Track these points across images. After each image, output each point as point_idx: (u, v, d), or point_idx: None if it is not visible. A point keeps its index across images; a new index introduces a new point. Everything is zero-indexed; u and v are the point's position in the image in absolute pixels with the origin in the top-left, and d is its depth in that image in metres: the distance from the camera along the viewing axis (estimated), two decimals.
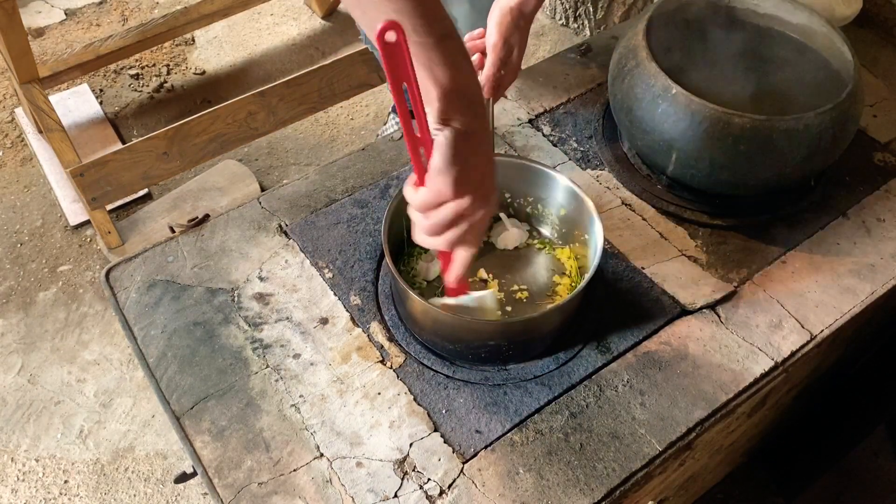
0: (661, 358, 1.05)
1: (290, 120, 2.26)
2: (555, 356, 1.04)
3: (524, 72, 1.44)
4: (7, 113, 2.51)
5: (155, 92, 2.57)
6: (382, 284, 1.11)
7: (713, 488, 1.69)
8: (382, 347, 1.04)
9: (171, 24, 2.41)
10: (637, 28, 1.19)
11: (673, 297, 1.10)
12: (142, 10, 2.84)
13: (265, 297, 1.10)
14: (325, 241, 1.16)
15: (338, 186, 1.24)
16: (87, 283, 2.10)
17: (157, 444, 1.82)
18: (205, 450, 0.96)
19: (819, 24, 1.21)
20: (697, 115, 1.09)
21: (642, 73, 1.14)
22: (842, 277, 1.15)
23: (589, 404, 1.00)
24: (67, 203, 2.25)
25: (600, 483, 0.93)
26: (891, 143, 1.35)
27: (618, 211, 1.22)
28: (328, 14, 2.79)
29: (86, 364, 1.95)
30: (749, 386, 1.03)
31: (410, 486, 0.93)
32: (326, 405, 0.99)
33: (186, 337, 1.06)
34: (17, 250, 2.18)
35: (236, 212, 1.20)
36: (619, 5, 2.65)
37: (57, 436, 1.83)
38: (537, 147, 1.30)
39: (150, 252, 1.15)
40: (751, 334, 1.08)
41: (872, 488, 1.80)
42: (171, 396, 1.01)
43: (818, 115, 1.08)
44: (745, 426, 1.29)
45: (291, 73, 2.27)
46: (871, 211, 1.24)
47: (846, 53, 1.16)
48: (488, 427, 0.97)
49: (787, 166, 1.11)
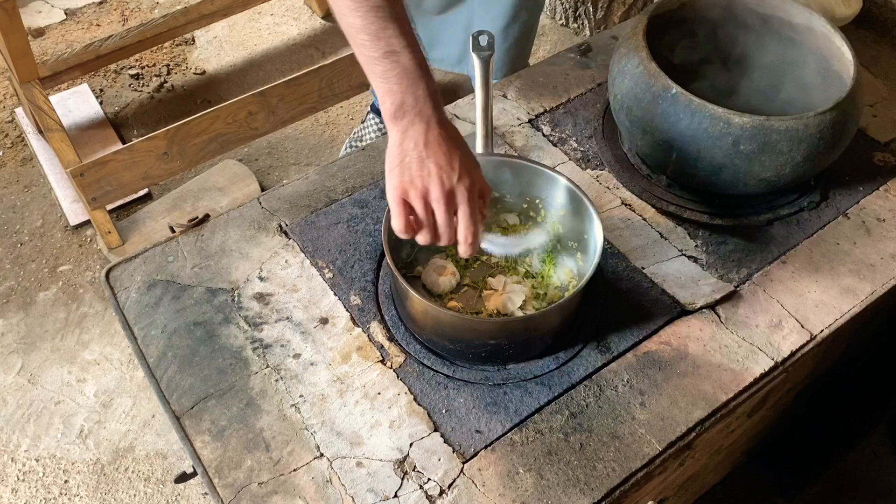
0: (661, 358, 1.05)
1: (290, 120, 2.26)
2: (555, 356, 1.04)
3: (524, 72, 1.44)
4: (7, 113, 2.51)
5: (155, 92, 2.57)
6: (382, 284, 1.11)
7: (713, 488, 1.69)
8: (382, 347, 1.04)
9: (171, 24, 2.41)
10: (637, 28, 1.19)
11: (673, 297, 1.10)
12: (142, 10, 2.84)
13: (265, 297, 1.10)
14: (325, 241, 1.16)
15: (338, 186, 1.24)
16: (87, 283, 2.10)
17: (157, 444, 1.82)
18: (205, 450, 0.96)
19: (819, 24, 1.21)
20: (697, 115, 1.09)
21: (642, 73, 1.14)
22: (842, 277, 1.15)
23: (589, 404, 1.00)
24: (67, 203, 2.25)
25: (600, 483, 0.93)
26: (891, 143, 1.35)
27: (618, 211, 1.22)
28: (328, 14, 2.79)
29: (86, 364, 1.95)
30: (749, 386, 1.03)
31: (410, 485, 0.93)
32: (326, 405, 0.99)
33: (186, 337, 1.06)
34: (17, 250, 2.18)
35: (236, 212, 1.20)
36: (619, 5, 2.65)
37: (57, 436, 1.83)
38: (537, 147, 1.30)
39: (150, 252, 1.15)
40: (751, 334, 1.08)
41: (872, 488, 1.80)
42: (171, 396, 1.01)
43: (818, 115, 1.08)
44: (745, 426, 1.29)
45: (291, 73, 2.27)
46: (871, 211, 1.24)
47: (846, 53, 1.16)
48: (488, 427, 0.97)
49: (787, 166, 1.11)
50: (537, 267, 1.11)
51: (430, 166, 0.88)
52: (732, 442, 1.34)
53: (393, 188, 0.89)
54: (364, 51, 0.86)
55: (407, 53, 0.86)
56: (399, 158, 0.89)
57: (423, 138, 0.88)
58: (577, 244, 1.10)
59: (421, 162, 0.88)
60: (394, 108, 0.87)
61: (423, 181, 0.88)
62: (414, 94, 0.87)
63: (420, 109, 0.87)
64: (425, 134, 0.88)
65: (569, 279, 1.09)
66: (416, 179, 0.88)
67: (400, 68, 0.85)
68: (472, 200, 0.90)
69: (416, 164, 0.88)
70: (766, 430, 1.54)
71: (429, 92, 0.88)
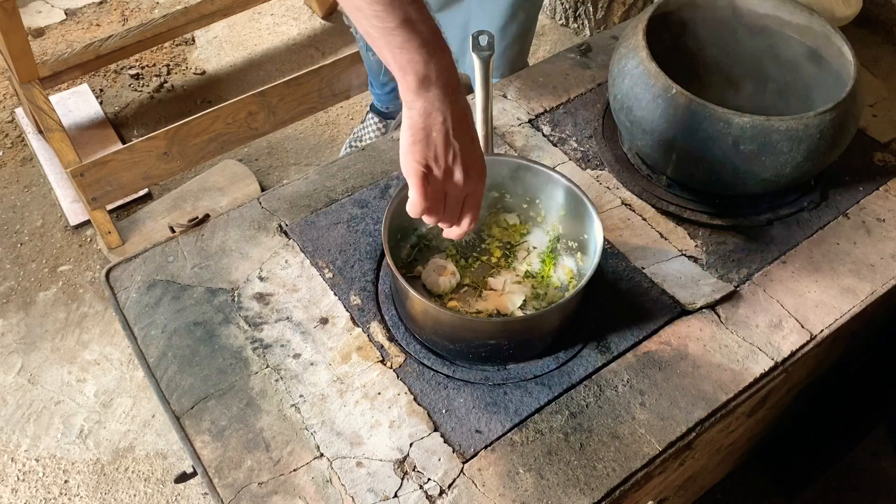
0: (661, 358, 1.05)
1: (290, 120, 2.26)
2: (555, 356, 1.04)
3: (524, 72, 1.44)
4: (7, 113, 2.51)
5: (155, 92, 2.57)
6: (382, 284, 1.11)
7: (713, 488, 1.69)
8: (382, 347, 1.04)
9: (171, 24, 2.41)
10: (637, 28, 1.19)
11: (673, 297, 1.10)
12: (142, 10, 2.85)
13: (265, 297, 1.10)
14: (325, 241, 1.16)
15: (338, 186, 1.24)
16: (87, 283, 2.10)
17: (157, 444, 1.82)
18: (205, 450, 0.96)
19: (819, 24, 1.21)
20: (697, 115, 1.09)
21: (642, 73, 1.14)
22: (842, 277, 1.15)
23: (589, 404, 1.00)
24: (67, 203, 2.25)
25: (600, 483, 0.93)
26: (891, 143, 1.34)
27: (618, 211, 1.22)
28: (328, 14, 2.79)
29: (86, 364, 1.95)
30: (749, 386, 1.03)
31: (410, 485, 0.93)
32: (326, 405, 0.99)
33: (186, 337, 1.06)
34: (17, 250, 2.18)
35: (236, 212, 1.20)
36: (619, 5, 2.65)
37: (57, 436, 1.83)
38: (537, 147, 1.30)
39: (150, 252, 1.15)
40: (751, 334, 1.08)
41: (872, 488, 1.80)
42: (171, 396, 1.01)
43: (818, 115, 1.08)
44: (745, 426, 1.29)
45: (291, 73, 2.27)
46: (871, 211, 1.24)
47: (846, 53, 1.16)
48: (488, 427, 0.97)
49: (787, 166, 1.11)
50: (537, 267, 1.11)
51: (456, 145, 0.84)
52: (732, 442, 1.34)
53: (415, 162, 0.85)
54: (378, 22, 0.79)
55: (425, 23, 0.81)
56: (424, 132, 0.83)
57: (451, 113, 0.83)
58: (577, 244, 1.10)
59: (447, 139, 0.84)
60: (419, 78, 0.81)
61: (448, 160, 0.85)
62: (438, 64, 0.82)
63: (446, 81, 0.83)
64: (453, 109, 0.83)
65: (569, 279, 1.09)
66: (440, 157, 0.85)
67: (420, 37, 0.80)
68: (482, 187, 0.89)
69: (442, 141, 0.84)
70: (766, 430, 1.54)
71: (450, 63, 0.83)
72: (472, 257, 1.12)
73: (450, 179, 0.87)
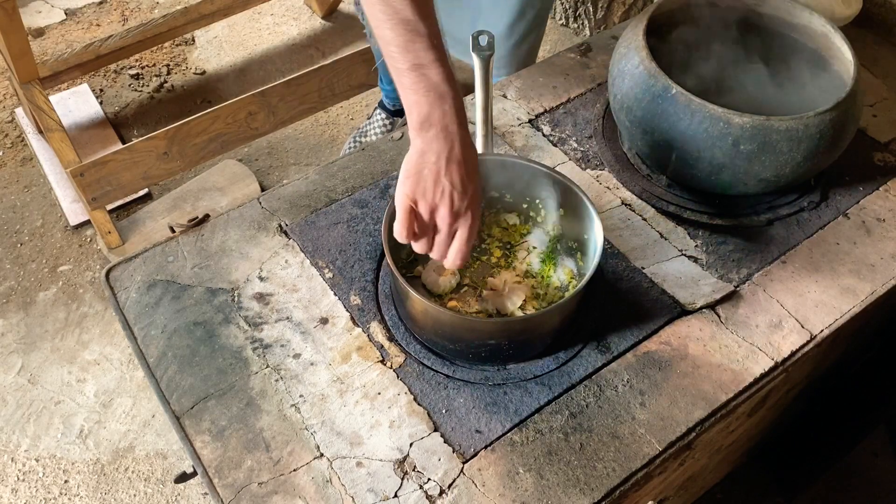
0: (661, 358, 1.05)
1: (290, 120, 2.26)
2: (555, 356, 1.04)
3: (524, 71, 1.44)
4: (7, 113, 2.51)
5: (155, 92, 2.57)
6: (382, 284, 1.11)
7: (713, 488, 1.69)
8: (382, 347, 1.04)
9: (171, 24, 2.41)
10: (637, 28, 1.19)
11: (673, 297, 1.10)
12: (142, 10, 2.85)
13: (265, 297, 1.10)
14: (325, 241, 1.16)
15: (338, 186, 1.24)
16: (87, 283, 2.10)
17: (157, 444, 1.82)
18: (205, 450, 0.96)
19: (819, 24, 1.21)
20: (697, 115, 1.09)
21: (642, 73, 1.14)
22: (842, 277, 1.15)
23: (589, 404, 1.00)
24: (67, 203, 2.25)
25: (600, 483, 0.93)
26: (891, 143, 1.35)
27: (618, 211, 1.22)
28: (328, 14, 2.79)
29: (86, 364, 1.95)
30: (749, 386, 1.03)
31: (410, 485, 0.93)
32: (326, 405, 0.99)
33: (186, 337, 1.06)
34: (17, 250, 2.18)
35: (236, 212, 1.20)
36: (619, 5, 2.65)
37: (57, 436, 1.83)
38: (537, 147, 1.30)
39: (150, 252, 1.15)
40: (751, 334, 1.08)
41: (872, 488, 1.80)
42: (171, 396, 1.01)
43: (818, 115, 1.08)
44: (745, 426, 1.29)
45: (291, 73, 2.27)
46: (871, 211, 1.24)
47: (846, 53, 1.16)
48: (488, 427, 0.97)
49: (787, 166, 1.11)
50: (537, 267, 1.11)
51: (445, 184, 0.89)
52: (732, 442, 1.34)
53: (404, 195, 0.91)
54: (393, 63, 0.88)
55: (435, 67, 0.87)
56: (417, 168, 0.90)
57: (445, 155, 0.89)
58: (577, 244, 1.10)
59: (438, 177, 0.89)
60: (420, 120, 0.88)
61: (435, 197, 0.90)
62: (441, 108, 0.88)
63: (446, 125, 0.88)
64: (448, 151, 0.89)
65: (569, 279, 1.09)
66: (428, 193, 0.90)
67: (427, 81, 0.87)
68: (473, 228, 0.93)
69: (432, 179, 0.89)
70: (766, 430, 1.54)
71: (455, 108, 0.89)
72: (472, 257, 1.12)
73: (435, 216, 0.92)
